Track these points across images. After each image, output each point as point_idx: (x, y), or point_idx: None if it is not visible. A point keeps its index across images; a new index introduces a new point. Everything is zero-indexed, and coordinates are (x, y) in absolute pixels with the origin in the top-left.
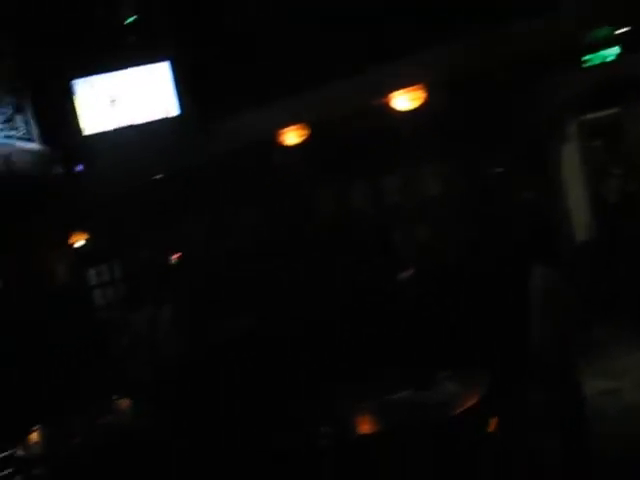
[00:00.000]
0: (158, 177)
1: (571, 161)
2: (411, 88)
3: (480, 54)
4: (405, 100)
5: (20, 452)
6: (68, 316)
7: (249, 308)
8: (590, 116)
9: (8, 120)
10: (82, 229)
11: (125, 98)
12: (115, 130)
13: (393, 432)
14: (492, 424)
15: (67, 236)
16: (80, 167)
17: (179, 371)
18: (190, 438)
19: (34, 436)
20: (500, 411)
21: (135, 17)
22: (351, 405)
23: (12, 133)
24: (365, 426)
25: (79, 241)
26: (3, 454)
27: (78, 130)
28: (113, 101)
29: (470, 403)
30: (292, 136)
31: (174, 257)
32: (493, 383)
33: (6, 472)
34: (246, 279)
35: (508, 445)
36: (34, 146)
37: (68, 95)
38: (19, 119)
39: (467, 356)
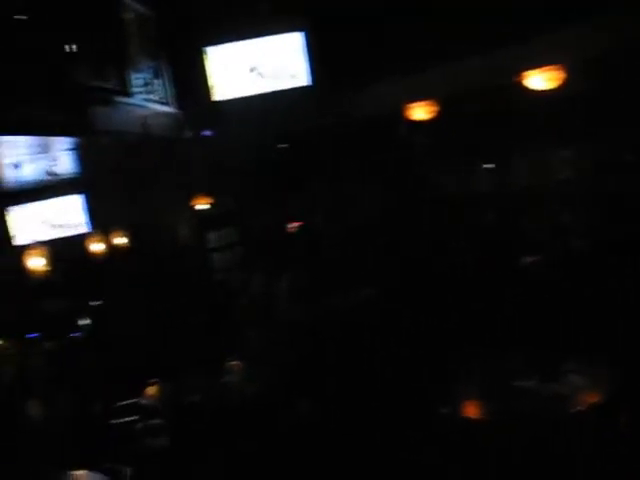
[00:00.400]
0: (284, 146)
1: None
2: (548, 67)
3: (622, 31)
4: (541, 80)
5: (143, 402)
6: (189, 277)
7: (368, 280)
8: None
9: (147, 84)
10: (207, 193)
11: (257, 66)
12: (246, 97)
13: (512, 420)
14: (619, 423)
15: (193, 199)
16: (209, 132)
17: (294, 338)
18: (300, 406)
19: (156, 389)
20: (629, 411)
21: None
22: (474, 388)
23: (150, 96)
24: (485, 411)
25: (202, 204)
26: (128, 402)
27: (210, 95)
28: (246, 69)
29: (595, 400)
30: (421, 112)
31: (293, 225)
32: (623, 381)
33: (130, 419)
34: (366, 250)
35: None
36: (169, 109)
37: (202, 61)
38: (157, 83)
39: (597, 351)
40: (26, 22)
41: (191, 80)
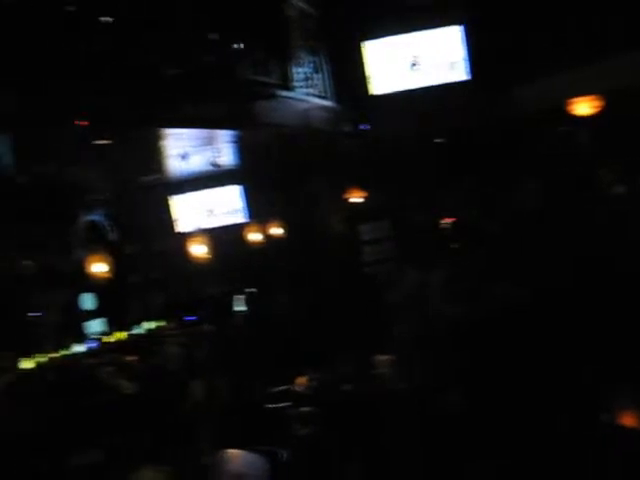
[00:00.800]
0: (439, 140)
1: None
2: None
3: None
4: None
5: (295, 388)
6: (341, 268)
7: (527, 277)
8: None
9: (307, 78)
10: (361, 186)
11: (416, 60)
12: (404, 91)
13: None
14: None
15: (346, 191)
16: (366, 126)
17: (447, 335)
18: (451, 405)
19: (308, 377)
20: None
21: None
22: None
23: (310, 90)
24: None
25: (357, 197)
26: (282, 388)
27: (368, 90)
28: (404, 63)
29: None
30: (584, 107)
31: (447, 221)
32: None
33: (283, 404)
34: (523, 247)
35: None
36: (328, 103)
37: (361, 56)
38: (317, 77)
39: None
40: (195, 21)
41: (350, 74)
